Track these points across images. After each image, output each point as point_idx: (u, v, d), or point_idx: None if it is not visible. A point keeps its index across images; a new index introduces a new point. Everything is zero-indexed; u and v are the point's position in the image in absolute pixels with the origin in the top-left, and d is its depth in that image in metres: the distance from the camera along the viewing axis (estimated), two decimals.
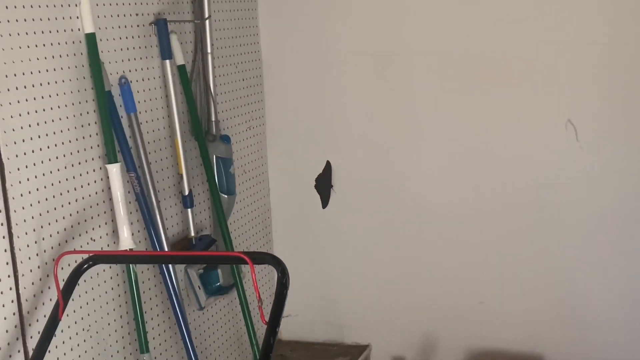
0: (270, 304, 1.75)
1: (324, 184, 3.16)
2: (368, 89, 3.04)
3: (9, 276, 1.90)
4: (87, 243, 2.18)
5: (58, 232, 2.06)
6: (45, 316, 1.99)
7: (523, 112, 2.86)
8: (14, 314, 1.92)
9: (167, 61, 2.45)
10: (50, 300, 2.02)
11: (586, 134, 2.81)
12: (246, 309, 2.66)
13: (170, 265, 2.31)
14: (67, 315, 2.07)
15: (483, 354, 3.06)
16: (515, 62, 2.85)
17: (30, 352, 1.95)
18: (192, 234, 2.55)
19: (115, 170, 2.16)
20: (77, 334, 2.13)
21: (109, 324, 2.27)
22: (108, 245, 2.26)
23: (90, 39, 2.14)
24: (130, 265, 2.20)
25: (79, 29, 2.14)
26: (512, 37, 2.83)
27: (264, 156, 3.20)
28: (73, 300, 2.07)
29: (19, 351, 1.93)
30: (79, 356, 2.14)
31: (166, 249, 2.34)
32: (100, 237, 2.23)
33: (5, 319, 1.89)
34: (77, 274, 1.93)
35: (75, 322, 2.13)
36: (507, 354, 3.02)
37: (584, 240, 2.88)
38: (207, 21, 2.64)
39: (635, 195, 2.80)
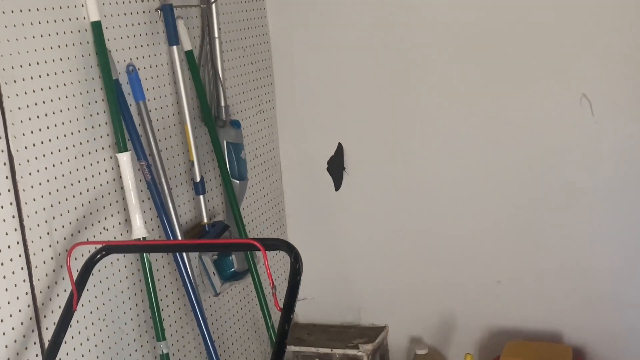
0: (285, 289, 1.74)
1: (336, 167, 3.14)
2: (379, 69, 3.00)
3: (22, 268, 1.90)
4: (100, 233, 2.17)
5: (70, 223, 2.05)
6: (60, 307, 1.99)
7: (537, 88, 2.82)
8: (28, 306, 1.91)
9: (175, 47, 2.43)
10: (65, 291, 2.02)
11: (601, 109, 2.77)
12: (261, 294, 2.65)
13: (183, 253, 2.30)
14: (82, 306, 2.07)
15: (501, 333, 3.04)
16: (528, 37, 2.80)
17: (46, 344, 1.94)
18: (205, 220, 2.54)
19: (125, 159, 2.15)
20: (92, 323, 2.13)
21: (124, 313, 2.27)
22: (121, 235, 2.25)
23: (96, 27, 2.12)
24: (144, 253, 2.19)
25: (84, 18, 2.12)
26: (525, 11, 2.79)
27: (275, 140, 3.18)
28: (87, 290, 2.06)
29: (34, 343, 1.93)
30: (95, 346, 2.14)
31: (179, 237, 2.33)
32: (113, 227, 2.22)
33: (20, 311, 1.89)
34: (90, 264, 1.92)
35: (91, 312, 2.12)
36: (526, 332, 3.00)
37: (601, 217, 2.85)
38: (213, 5, 2.62)
39: None
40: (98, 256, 1.92)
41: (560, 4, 2.76)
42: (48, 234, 1.97)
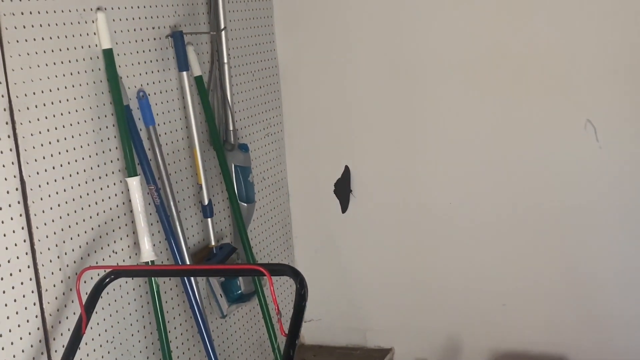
0: (291, 312, 1.76)
1: (343, 189, 3.17)
2: (386, 92, 3.04)
3: (32, 292, 1.93)
4: (109, 256, 2.20)
5: (80, 247, 2.09)
6: (69, 330, 2.02)
7: (541, 113, 2.85)
8: (38, 328, 1.95)
9: (185, 73, 2.47)
10: (74, 314, 2.05)
11: (606, 134, 2.80)
12: (267, 317, 2.68)
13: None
14: (91, 328, 2.10)
15: (506, 356, 3.06)
16: (533, 62, 2.84)
17: None
18: (213, 243, 2.57)
19: (135, 184, 2.19)
20: (101, 346, 2.16)
21: (132, 335, 2.29)
22: (130, 257, 2.28)
23: (108, 54, 2.16)
24: (152, 277, 2.23)
25: (96, 45, 2.16)
26: (530, 37, 2.83)
27: (282, 162, 3.22)
28: (96, 313, 2.09)
29: None
30: None
31: (187, 259, 2.36)
32: (122, 250, 2.25)
33: (30, 334, 1.92)
34: (99, 288, 1.95)
35: (99, 335, 2.15)
36: (531, 356, 3.02)
37: (605, 241, 2.87)
38: (223, 32, 2.66)
39: None
40: (107, 280, 1.95)
41: (565, 30, 2.79)
42: (58, 257, 2.01)
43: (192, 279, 2.33)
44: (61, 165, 2.03)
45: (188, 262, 2.36)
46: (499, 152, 2.94)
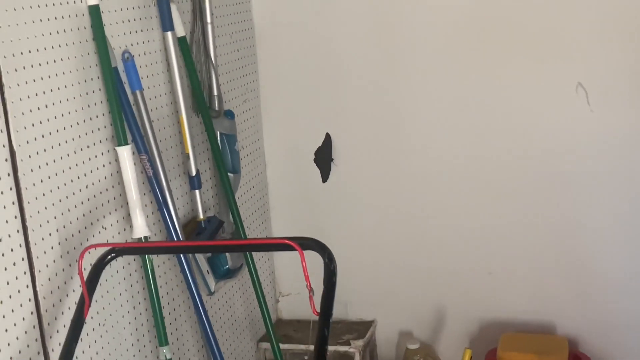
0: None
1: (324, 158, 3.04)
2: (369, 54, 2.91)
3: (25, 273, 1.75)
4: (99, 232, 2.03)
5: (71, 223, 1.91)
6: (62, 313, 1.86)
7: (532, 76, 2.76)
8: (31, 313, 1.77)
9: (169, 33, 2.29)
10: (67, 296, 1.88)
11: (597, 98, 2.73)
12: (260, 293, 2.56)
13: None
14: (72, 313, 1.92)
15: (493, 325, 2.99)
16: (523, 24, 2.75)
17: (51, 353, 1.81)
18: (201, 216, 2.41)
19: (126, 153, 2.01)
20: (93, 329, 1.99)
21: (122, 317, 2.13)
22: (119, 233, 2.11)
23: (95, 11, 1.97)
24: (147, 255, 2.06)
25: (81, 1, 1.96)
26: None
27: (259, 130, 3.06)
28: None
29: (38, 353, 1.79)
30: (97, 353, 2.00)
31: (180, 234, 2.20)
32: (111, 225, 2.08)
33: (23, 319, 1.74)
34: (99, 267, 1.78)
35: (92, 318, 1.98)
36: (518, 324, 2.97)
37: (595, 206, 2.82)
38: None
39: None
40: (108, 257, 1.79)
41: None
42: (50, 235, 1.83)
43: (189, 257, 2.18)
44: (50, 134, 1.84)
45: (182, 237, 2.20)
46: (486, 118, 2.85)
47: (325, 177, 3.06)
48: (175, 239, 2.15)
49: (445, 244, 3.00)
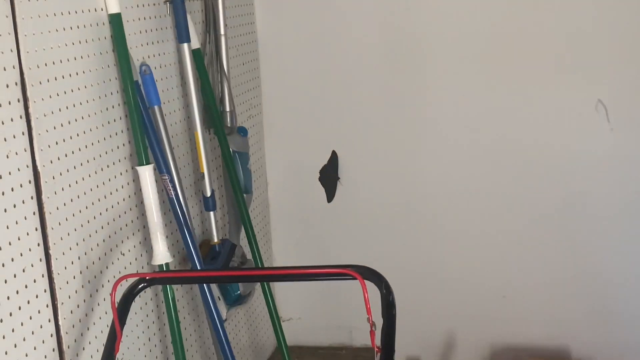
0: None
1: (329, 176, 2.91)
2: (378, 70, 2.80)
3: (47, 306, 1.59)
4: (118, 259, 1.87)
5: (92, 249, 1.75)
6: (83, 349, 1.69)
7: (551, 93, 2.69)
8: (53, 350, 1.61)
9: (185, 45, 2.15)
10: (88, 329, 1.72)
11: (617, 115, 2.66)
12: (276, 320, 2.42)
13: None
14: (97, 351, 1.76)
15: (506, 351, 2.89)
16: (543, 40, 2.67)
17: None
18: (215, 239, 2.27)
19: (148, 174, 1.86)
20: None
21: (138, 349, 1.97)
22: (136, 259, 1.96)
23: (116, 20, 1.82)
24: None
25: (102, 9, 1.81)
26: (540, 13, 2.65)
27: (262, 148, 2.93)
28: (102, 333, 1.76)
29: None
30: None
31: (200, 259, 2.05)
32: (129, 251, 1.93)
33: (46, 357, 1.58)
34: (128, 299, 1.62)
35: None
36: (532, 349, 2.87)
37: (613, 228, 2.74)
38: None
39: None
40: (138, 287, 1.63)
41: (576, 8, 2.63)
42: (72, 263, 1.67)
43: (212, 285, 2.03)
44: (72, 152, 1.68)
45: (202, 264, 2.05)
46: (502, 136, 2.76)
47: (330, 196, 2.93)
48: (198, 266, 2.00)
49: (458, 268, 2.89)
